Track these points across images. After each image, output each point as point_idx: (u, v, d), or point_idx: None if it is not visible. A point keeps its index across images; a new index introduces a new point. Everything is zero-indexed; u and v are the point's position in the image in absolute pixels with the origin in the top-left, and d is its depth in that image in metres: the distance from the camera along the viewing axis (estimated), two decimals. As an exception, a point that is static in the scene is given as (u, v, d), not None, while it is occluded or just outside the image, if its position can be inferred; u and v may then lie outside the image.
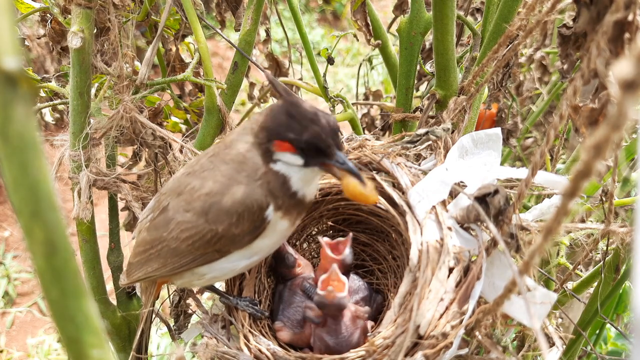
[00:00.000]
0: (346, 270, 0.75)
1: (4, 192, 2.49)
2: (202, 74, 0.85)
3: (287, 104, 0.57)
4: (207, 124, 0.84)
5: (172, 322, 0.81)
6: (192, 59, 0.90)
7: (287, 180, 0.59)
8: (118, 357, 0.94)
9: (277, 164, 0.59)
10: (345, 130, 0.86)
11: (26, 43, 1.20)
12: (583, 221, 0.74)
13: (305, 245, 0.88)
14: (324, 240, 0.71)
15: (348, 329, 0.66)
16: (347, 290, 0.66)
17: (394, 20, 1.06)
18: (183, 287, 0.76)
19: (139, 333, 0.73)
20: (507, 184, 0.71)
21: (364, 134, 0.90)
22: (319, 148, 0.57)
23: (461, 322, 0.54)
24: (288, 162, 0.58)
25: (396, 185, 0.70)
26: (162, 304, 0.77)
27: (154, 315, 0.75)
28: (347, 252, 0.72)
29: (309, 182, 0.61)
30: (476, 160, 0.66)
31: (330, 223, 0.86)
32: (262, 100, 1.34)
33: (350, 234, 0.74)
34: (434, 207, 0.63)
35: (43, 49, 2.13)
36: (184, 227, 0.61)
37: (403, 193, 0.68)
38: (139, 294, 0.85)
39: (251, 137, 0.60)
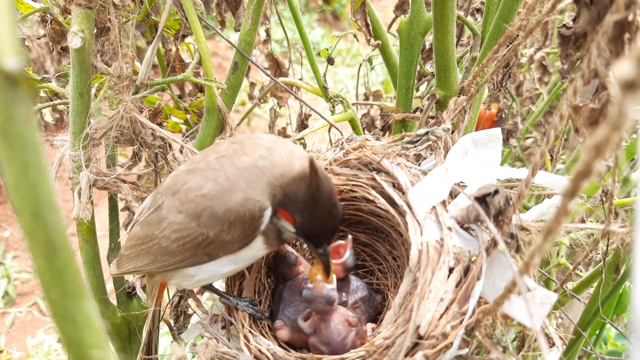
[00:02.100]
0: (348, 272, 0.75)
1: (4, 192, 2.49)
2: (202, 74, 0.85)
3: (314, 188, 0.58)
4: (207, 124, 0.84)
5: (171, 323, 0.81)
6: (192, 59, 0.90)
7: (281, 232, 0.64)
8: (118, 357, 0.94)
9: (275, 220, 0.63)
10: (345, 130, 0.86)
11: (26, 43, 1.20)
12: (583, 221, 0.74)
13: (305, 245, 0.88)
14: None
15: (341, 333, 0.66)
16: (335, 283, 0.67)
17: (394, 20, 1.07)
18: (175, 287, 0.77)
19: (146, 335, 0.73)
20: (507, 184, 0.71)
21: (364, 134, 0.90)
22: (314, 239, 0.63)
23: (461, 322, 0.54)
24: (283, 225, 0.63)
25: (396, 185, 0.70)
26: (167, 306, 0.78)
27: (161, 317, 0.75)
28: (347, 255, 0.72)
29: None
30: (476, 161, 0.66)
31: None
32: (262, 100, 1.34)
33: (350, 236, 0.74)
34: (434, 207, 0.63)
35: (43, 49, 2.12)
36: (176, 227, 0.61)
37: (403, 193, 0.68)
38: (139, 293, 0.85)
39: (270, 181, 0.60)
